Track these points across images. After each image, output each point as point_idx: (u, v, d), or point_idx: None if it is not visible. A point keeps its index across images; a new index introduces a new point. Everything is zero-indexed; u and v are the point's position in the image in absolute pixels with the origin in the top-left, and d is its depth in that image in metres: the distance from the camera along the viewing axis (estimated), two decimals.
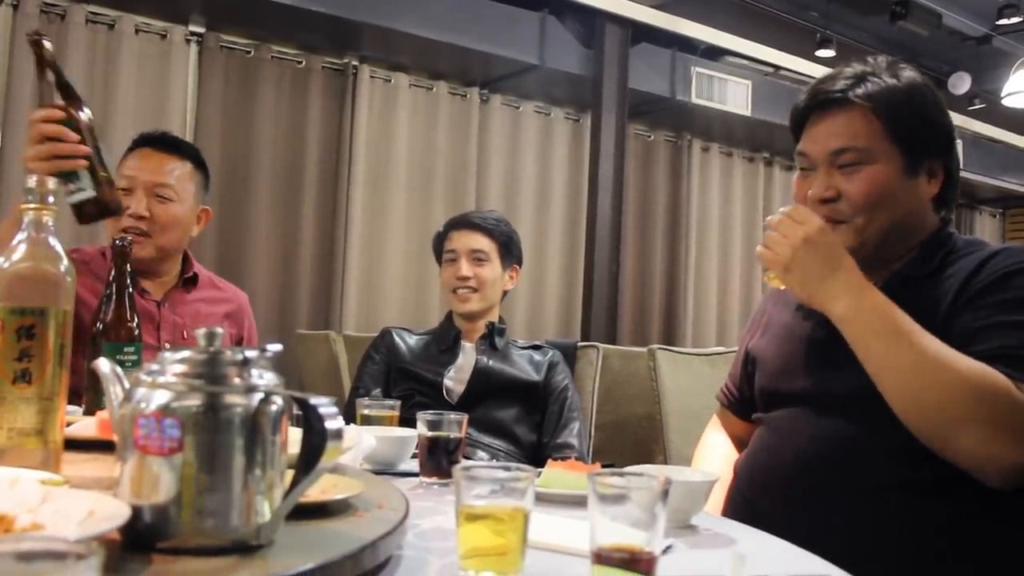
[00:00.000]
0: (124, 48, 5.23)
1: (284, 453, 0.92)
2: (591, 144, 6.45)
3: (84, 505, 0.87)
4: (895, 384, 1.49)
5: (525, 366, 2.71)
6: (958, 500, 1.54)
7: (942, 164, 1.70)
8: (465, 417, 1.62)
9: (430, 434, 1.58)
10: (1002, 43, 6.87)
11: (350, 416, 2.20)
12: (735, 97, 6.95)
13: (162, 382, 0.88)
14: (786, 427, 1.71)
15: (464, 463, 1.20)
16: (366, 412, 1.93)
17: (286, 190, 5.76)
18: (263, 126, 5.66)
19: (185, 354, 0.90)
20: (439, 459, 1.57)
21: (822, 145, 1.68)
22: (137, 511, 0.86)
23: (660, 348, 3.44)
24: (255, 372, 0.90)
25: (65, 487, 0.98)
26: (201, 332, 0.92)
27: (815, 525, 1.53)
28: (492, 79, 6.47)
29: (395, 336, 2.79)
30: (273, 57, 5.77)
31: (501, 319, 2.81)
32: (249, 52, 5.70)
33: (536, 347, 2.82)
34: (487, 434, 2.58)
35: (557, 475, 1.48)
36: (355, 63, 6.01)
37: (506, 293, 2.84)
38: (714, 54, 6.87)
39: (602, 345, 3.33)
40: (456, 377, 2.65)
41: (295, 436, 0.93)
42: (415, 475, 1.62)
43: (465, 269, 2.71)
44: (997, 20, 6.24)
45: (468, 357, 2.69)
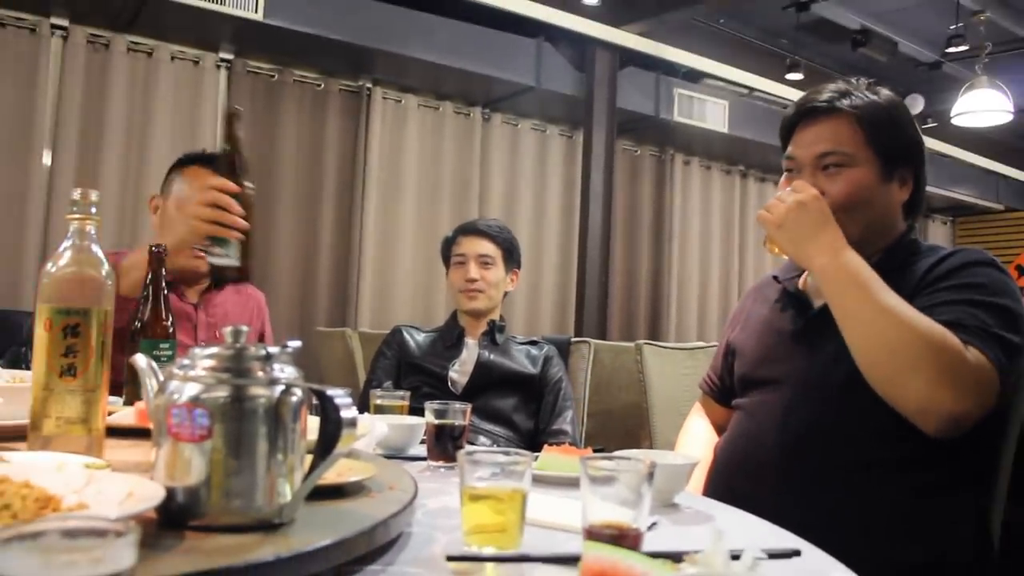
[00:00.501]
0: (161, 73, 5.24)
1: (303, 440, 0.92)
2: (583, 158, 6.45)
3: (124, 487, 0.87)
4: (858, 329, 1.51)
5: (523, 360, 2.71)
6: (923, 478, 1.54)
7: (912, 173, 1.73)
8: (469, 406, 1.62)
9: (437, 422, 1.58)
10: (951, 69, 6.88)
11: (364, 406, 2.20)
12: (713, 116, 6.95)
13: (193, 375, 0.88)
14: (762, 412, 1.70)
15: (467, 448, 1.19)
16: (379, 402, 1.92)
17: (306, 200, 5.77)
18: (286, 142, 5.67)
19: (213, 350, 0.90)
20: (445, 444, 1.57)
21: (809, 149, 1.70)
22: (171, 492, 0.86)
23: (646, 343, 3.44)
24: (277, 366, 0.90)
25: (107, 470, 0.98)
26: (228, 330, 0.92)
27: (788, 503, 1.53)
28: (493, 99, 6.47)
29: (405, 333, 2.79)
30: (295, 80, 5.78)
31: (501, 317, 2.81)
32: (273, 76, 5.71)
33: (533, 343, 2.82)
34: (488, 421, 2.58)
35: (553, 459, 1.48)
36: (369, 85, 6.02)
37: (507, 294, 2.83)
38: (694, 77, 6.87)
39: (593, 340, 3.33)
40: (460, 370, 2.66)
41: (313, 424, 0.93)
42: (423, 459, 1.61)
43: (474, 272, 2.72)
44: (946, 48, 6.24)
45: (471, 352, 2.70)
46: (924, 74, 7.02)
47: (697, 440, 1.97)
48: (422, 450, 1.65)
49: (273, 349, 0.91)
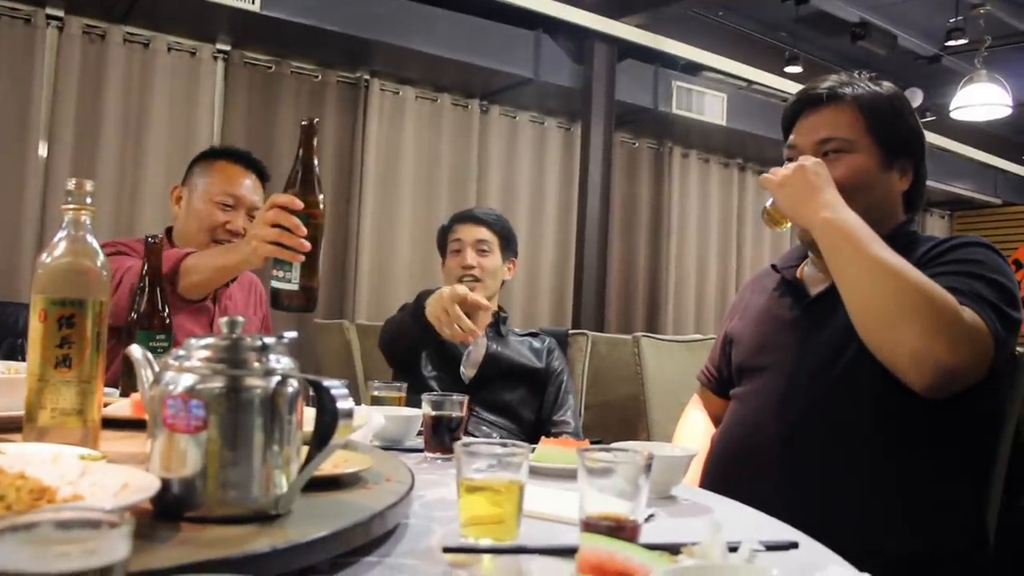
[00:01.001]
0: (158, 65, 5.21)
1: (299, 431, 0.92)
2: (581, 151, 6.43)
3: (119, 478, 0.87)
4: (854, 281, 1.51)
5: (528, 353, 2.71)
6: (920, 468, 1.54)
7: (913, 165, 1.74)
8: (466, 398, 1.62)
9: (434, 413, 1.58)
10: (950, 62, 6.87)
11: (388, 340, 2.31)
12: (712, 108, 6.94)
13: (188, 366, 0.88)
14: (759, 400, 1.71)
15: (464, 440, 1.19)
16: (376, 393, 1.92)
17: None
18: (283, 134, 5.65)
19: (209, 341, 0.89)
20: (442, 436, 1.57)
21: (811, 135, 1.72)
22: (166, 483, 0.86)
23: (644, 335, 3.43)
24: (273, 357, 0.90)
25: (103, 462, 0.98)
26: (224, 320, 0.91)
27: (784, 491, 1.54)
28: (491, 92, 6.45)
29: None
30: (292, 72, 5.76)
31: (502, 308, 2.80)
32: (271, 68, 5.69)
33: (533, 335, 2.82)
34: (492, 413, 2.58)
35: (550, 451, 1.47)
36: (367, 77, 5.99)
37: (504, 283, 2.82)
38: (693, 69, 6.85)
39: (591, 333, 3.33)
40: (469, 362, 2.63)
41: (310, 415, 0.92)
42: (420, 451, 1.61)
43: (470, 258, 2.70)
44: (946, 42, 6.23)
45: (480, 345, 2.67)
46: (923, 68, 7.01)
47: (695, 431, 1.97)
48: (419, 442, 1.65)
49: (269, 340, 0.91)
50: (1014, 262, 9.56)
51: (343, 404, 0.88)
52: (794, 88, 7.03)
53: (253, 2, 4.88)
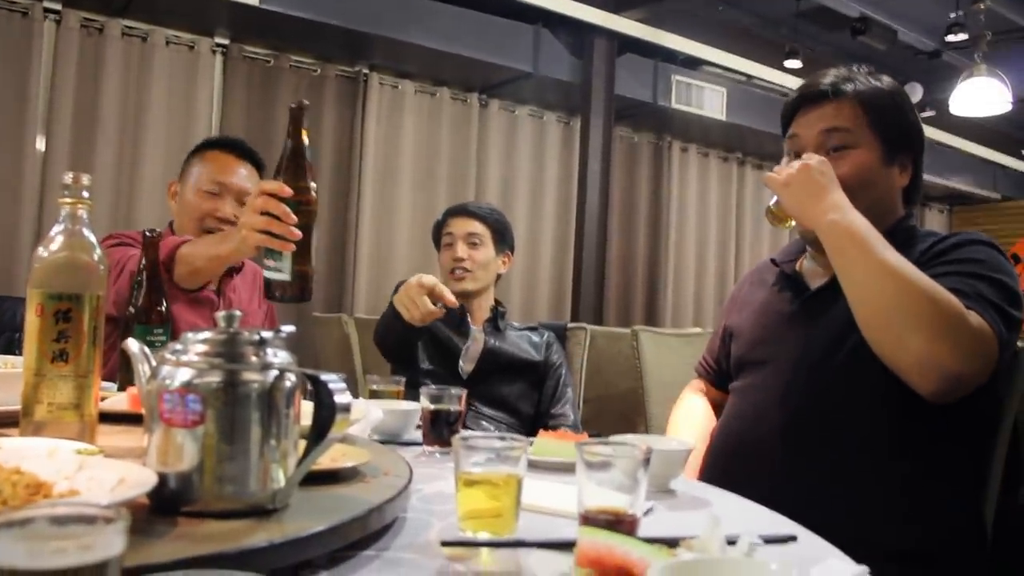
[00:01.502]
0: (156, 58, 5.20)
1: (297, 425, 0.92)
2: (580, 145, 6.42)
3: (115, 473, 0.87)
4: (860, 285, 1.50)
5: (526, 347, 2.71)
6: (919, 464, 1.54)
7: (912, 160, 1.74)
8: (464, 392, 1.61)
9: (432, 407, 1.58)
10: (950, 57, 6.86)
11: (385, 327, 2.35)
12: (711, 103, 6.93)
13: (185, 360, 0.87)
14: (758, 393, 1.70)
15: (462, 433, 1.19)
16: (374, 387, 1.92)
17: None
18: (282, 128, 5.58)
19: (206, 335, 0.89)
20: (441, 430, 1.56)
21: (814, 127, 1.71)
22: (163, 478, 0.86)
23: (642, 329, 3.44)
24: (270, 351, 0.90)
25: (99, 456, 0.98)
26: (221, 315, 0.91)
27: (783, 484, 1.54)
28: (490, 86, 6.44)
29: None
30: (291, 66, 5.74)
31: (500, 303, 2.80)
32: (269, 62, 5.67)
33: (532, 328, 2.82)
34: (491, 407, 2.58)
35: (548, 444, 1.47)
36: (366, 71, 5.98)
37: (500, 277, 2.81)
38: (692, 64, 6.84)
39: (589, 326, 3.33)
40: (467, 357, 2.64)
41: (307, 409, 0.92)
42: (419, 444, 1.61)
43: (461, 251, 2.70)
44: (946, 36, 6.22)
45: (478, 340, 2.68)
46: (923, 63, 6.99)
47: (692, 414, 1.96)
48: (418, 436, 1.65)
49: (266, 334, 0.91)
50: (1012, 256, 9.55)
51: (340, 398, 0.87)
52: (794, 83, 7.00)
53: None
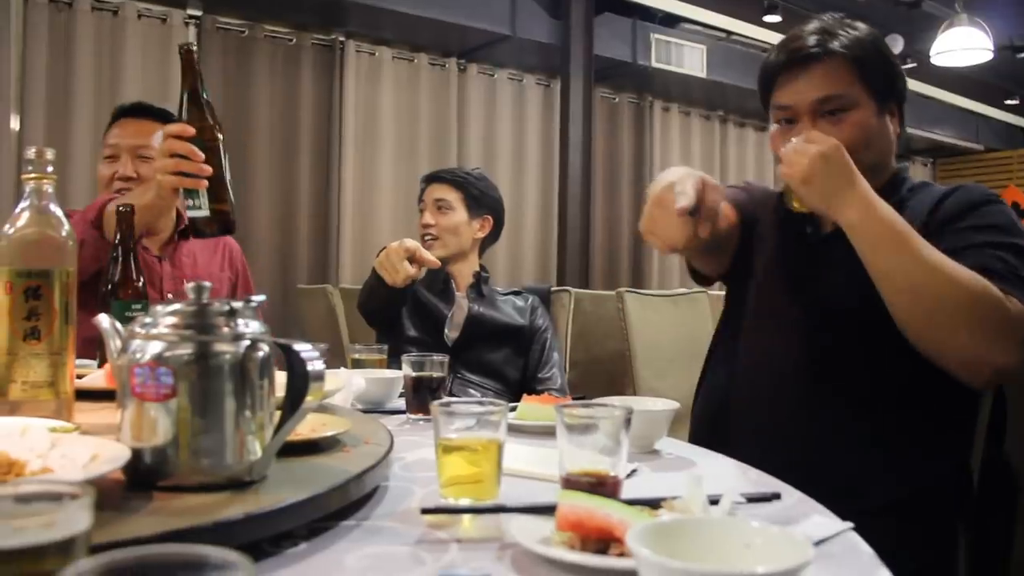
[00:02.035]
0: (128, 32, 5.12)
1: (272, 396, 0.91)
2: (561, 107, 6.38)
3: (88, 449, 0.86)
4: (899, 285, 1.45)
5: (511, 312, 2.68)
6: (910, 413, 1.54)
7: (898, 106, 1.71)
8: (447, 358, 1.61)
9: (415, 374, 1.57)
10: (931, 7, 6.82)
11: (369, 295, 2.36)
12: (691, 61, 6.89)
13: (155, 333, 0.86)
14: (757, 346, 1.70)
15: (442, 399, 1.18)
16: (356, 356, 1.91)
17: (283, 157, 5.69)
18: (259, 99, 5.58)
19: (176, 307, 0.88)
20: (424, 397, 1.55)
21: (805, 96, 1.64)
22: (138, 453, 0.85)
23: (627, 291, 3.44)
24: (241, 322, 0.88)
25: (73, 434, 0.96)
26: (191, 286, 0.89)
27: (776, 439, 1.54)
28: (468, 50, 6.38)
29: None
30: (266, 36, 5.67)
31: (484, 268, 2.77)
32: (244, 32, 5.60)
33: (516, 293, 2.80)
34: (477, 374, 2.57)
35: (531, 408, 1.47)
36: (342, 39, 5.91)
37: (483, 244, 2.77)
38: (671, 21, 6.79)
39: (574, 289, 3.33)
40: (452, 324, 2.63)
41: (283, 380, 0.91)
42: (402, 413, 1.60)
43: (428, 216, 2.67)
44: None
45: (462, 306, 2.66)
46: (903, 13, 6.95)
47: None
48: (401, 403, 1.64)
49: (237, 304, 0.89)
50: (1013, 206, 9.57)
51: (313, 366, 0.86)
52: (774, 38, 6.99)
53: None
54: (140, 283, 1.71)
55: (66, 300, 1.14)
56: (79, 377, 1.28)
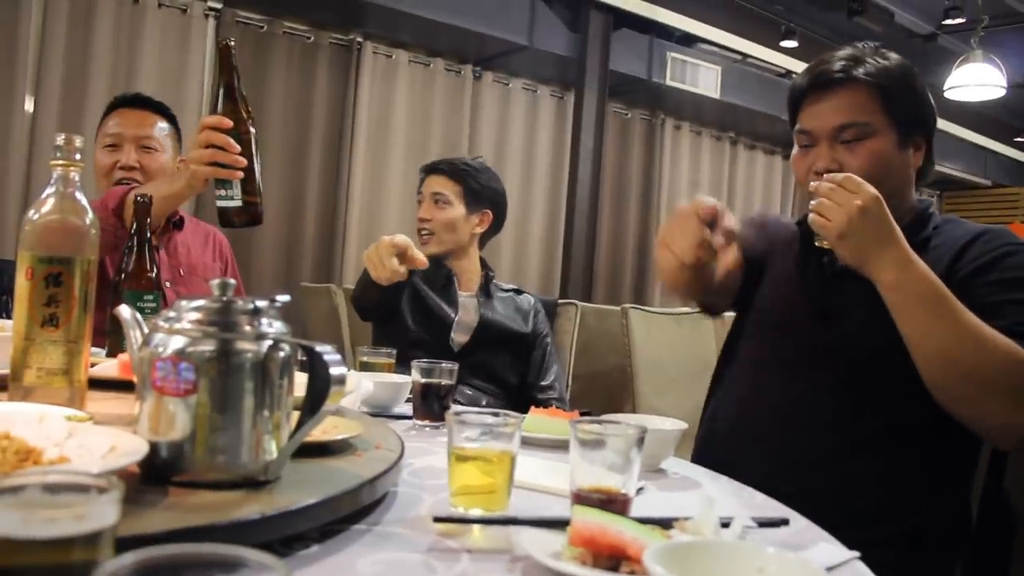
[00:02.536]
0: (148, 22, 5.13)
1: (290, 396, 0.91)
2: (573, 120, 6.40)
3: (106, 441, 0.86)
4: (935, 350, 1.43)
5: (514, 315, 2.64)
6: (911, 450, 1.54)
7: (925, 138, 1.71)
8: (456, 366, 1.61)
9: (424, 381, 1.57)
10: (947, 41, 6.85)
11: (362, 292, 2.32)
12: (706, 81, 6.90)
13: (178, 328, 0.86)
14: (769, 368, 1.69)
15: (455, 408, 1.18)
16: (364, 359, 1.91)
17: (294, 154, 5.70)
18: (274, 95, 5.59)
19: (200, 303, 0.88)
20: (431, 403, 1.56)
21: (825, 121, 1.64)
22: (155, 447, 0.85)
23: (632, 307, 3.44)
24: (264, 321, 0.88)
25: (89, 423, 0.97)
26: (215, 282, 0.90)
27: (780, 472, 1.53)
28: (485, 58, 6.40)
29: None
30: (284, 32, 5.69)
31: (488, 267, 2.73)
32: (262, 27, 5.61)
33: (517, 292, 2.75)
34: (476, 377, 2.54)
35: (539, 421, 1.47)
36: (359, 39, 5.93)
37: (482, 239, 2.70)
38: (688, 41, 6.81)
39: (580, 303, 3.32)
40: (459, 328, 2.58)
41: (301, 380, 0.91)
42: (409, 418, 1.60)
43: (425, 211, 2.60)
44: (943, 20, 6.20)
45: (469, 310, 2.62)
46: (919, 46, 6.98)
47: None
48: (408, 409, 1.64)
49: (261, 303, 0.89)
50: None
51: (335, 370, 0.86)
52: (789, 63, 7.02)
53: None
54: (153, 274, 1.72)
55: (86, 289, 1.14)
56: (91, 366, 1.28)
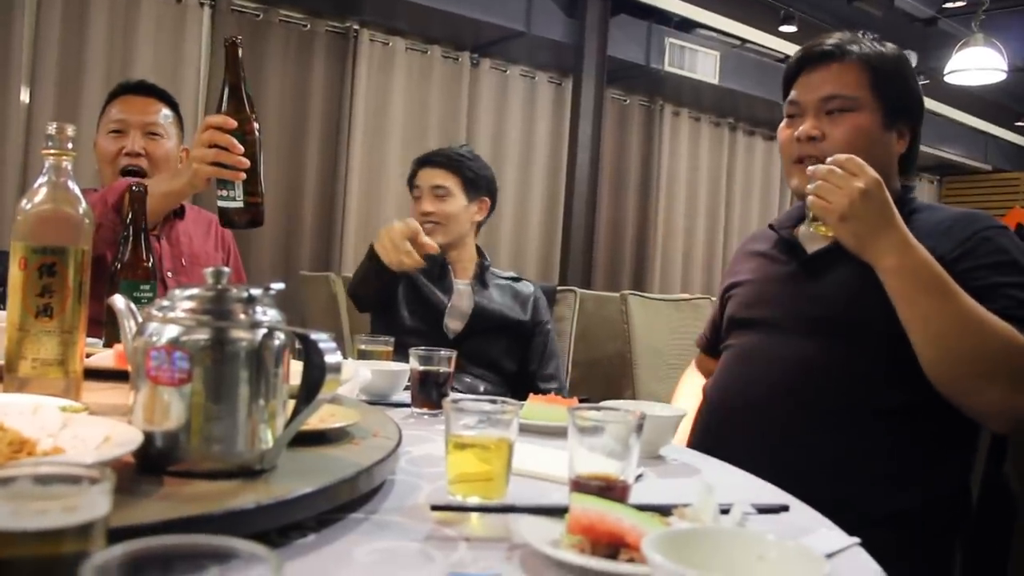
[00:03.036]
0: (142, 11, 5.11)
1: (286, 384, 0.90)
2: (572, 106, 6.38)
3: (101, 431, 0.85)
4: (935, 335, 1.43)
5: (512, 303, 2.65)
6: (908, 428, 1.54)
7: (911, 128, 1.73)
8: (454, 354, 1.60)
9: (421, 368, 1.57)
10: (947, 25, 6.81)
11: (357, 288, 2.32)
12: (704, 67, 6.88)
13: (172, 317, 0.86)
14: (755, 353, 1.70)
15: (453, 396, 1.18)
16: (363, 347, 1.90)
17: (291, 143, 5.69)
18: (271, 84, 5.58)
19: (194, 291, 0.87)
20: (429, 391, 1.55)
21: (814, 92, 1.68)
22: (149, 437, 0.84)
23: (631, 293, 3.44)
24: (259, 309, 0.88)
25: (84, 413, 0.96)
26: (209, 271, 0.89)
27: (777, 445, 1.54)
28: (482, 44, 6.38)
29: None
30: (280, 20, 5.66)
31: (484, 255, 2.74)
32: (258, 16, 5.59)
33: (515, 279, 2.75)
34: (475, 365, 2.54)
35: (538, 408, 1.46)
36: (356, 27, 5.91)
37: (479, 226, 2.71)
38: (686, 26, 6.78)
39: (579, 290, 3.32)
40: (453, 315, 2.59)
41: (296, 369, 0.91)
42: (407, 406, 1.60)
43: (427, 204, 2.61)
44: (943, 4, 6.17)
45: (463, 297, 2.63)
46: (919, 30, 6.95)
47: (692, 393, 1.96)
48: (406, 396, 1.64)
49: (255, 291, 0.89)
50: (1018, 227, 9.56)
51: (331, 358, 0.86)
52: (788, 48, 7.00)
53: None
54: (149, 263, 1.71)
55: (80, 279, 1.14)
56: (87, 356, 1.27)
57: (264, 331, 0.87)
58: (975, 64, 5.93)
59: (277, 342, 0.87)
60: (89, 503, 0.53)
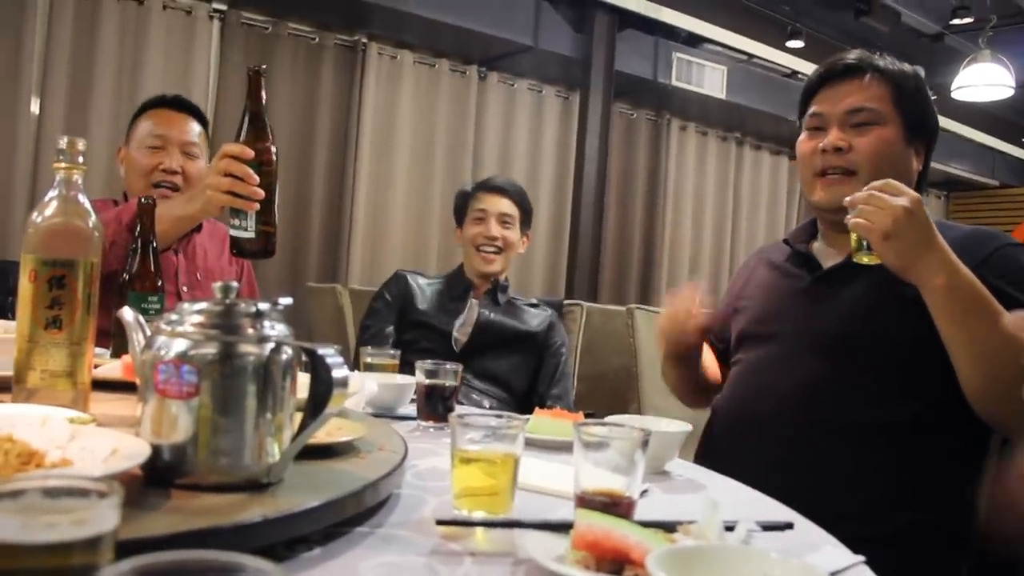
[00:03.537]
0: (152, 24, 5.13)
1: (293, 398, 0.91)
2: (579, 120, 6.39)
3: (109, 443, 0.86)
4: (980, 357, 1.42)
5: (524, 318, 2.69)
6: (915, 444, 1.54)
7: (925, 147, 1.73)
8: (460, 367, 1.61)
9: (428, 382, 1.57)
10: (954, 41, 6.82)
11: (359, 360, 2.20)
12: (711, 81, 6.89)
13: (181, 331, 0.86)
14: (765, 367, 1.69)
15: (459, 410, 1.18)
16: (369, 360, 1.91)
17: (299, 155, 5.70)
18: (279, 96, 5.59)
19: (202, 305, 0.88)
20: (435, 404, 1.55)
21: (839, 104, 1.69)
22: (157, 450, 0.85)
23: (638, 307, 3.43)
24: (267, 323, 0.88)
25: (92, 425, 0.97)
26: (218, 285, 0.89)
27: (785, 458, 1.54)
28: (490, 58, 6.39)
29: (410, 281, 2.75)
30: (289, 33, 5.69)
31: (505, 277, 2.79)
32: (267, 28, 5.62)
33: (532, 305, 2.80)
34: (483, 381, 2.56)
35: (543, 422, 1.47)
36: (364, 40, 5.93)
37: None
38: (694, 41, 6.79)
39: (585, 304, 3.32)
40: (462, 329, 2.62)
41: (304, 382, 0.91)
42: (413, 419, 1.60)
43: (495, 230, 2.70)
44: (950, 20, 6.17)
45: (472, 311, 2.66)
46: (926, 46, 6.96)
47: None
48: (412, 409, 1.64)
49: (263, 306, 0.89)
50: None
51: (338, 373, 0.86)
52: (795, 63, 7.01)
53: None
54: (157, 276, 1.72)
55: (89, 291, 1.14)
56: (94, 367, 1.28)
57: (272, 345, 0.87)
58: (982, 80, 5.93)
59: (284, 356, 0.88)
60: (98, 516, 0.53)
